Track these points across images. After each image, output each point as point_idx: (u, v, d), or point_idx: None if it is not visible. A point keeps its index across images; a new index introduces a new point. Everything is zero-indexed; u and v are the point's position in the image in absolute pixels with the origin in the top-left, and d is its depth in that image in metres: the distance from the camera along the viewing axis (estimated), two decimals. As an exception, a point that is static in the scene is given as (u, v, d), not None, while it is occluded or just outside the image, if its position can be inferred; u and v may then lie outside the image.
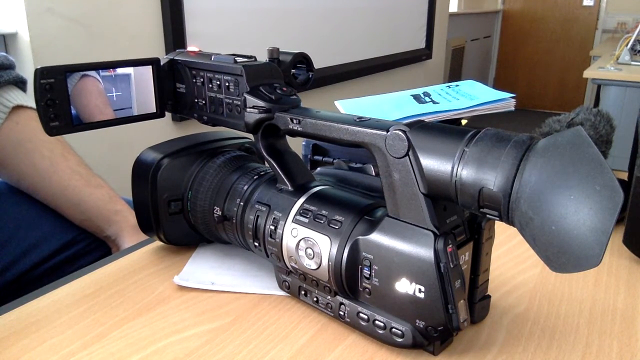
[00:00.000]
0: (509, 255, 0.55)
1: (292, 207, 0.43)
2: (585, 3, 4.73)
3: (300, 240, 0.42)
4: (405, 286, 0.36)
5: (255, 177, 0.48)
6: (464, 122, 0.66)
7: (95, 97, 0.47)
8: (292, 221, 0.42)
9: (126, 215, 0.73)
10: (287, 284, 0.46)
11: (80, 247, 0.74)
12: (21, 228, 0.71)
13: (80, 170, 0.73)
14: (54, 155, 0.72)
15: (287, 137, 0.46)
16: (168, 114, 0.53)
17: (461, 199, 0.33)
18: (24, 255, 0.69)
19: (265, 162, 0.47)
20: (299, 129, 0.42)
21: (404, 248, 0.36)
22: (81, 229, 0.74)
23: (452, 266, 0.35)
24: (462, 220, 0.38)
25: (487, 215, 0.32)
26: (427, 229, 0.35)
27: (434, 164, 0.34)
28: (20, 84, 0.73)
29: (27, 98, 0.73)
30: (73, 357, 0.40)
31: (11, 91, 0.71)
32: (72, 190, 0.71)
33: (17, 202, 0.73)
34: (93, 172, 0.75)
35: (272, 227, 0.43)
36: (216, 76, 0.48)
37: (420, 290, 0.36)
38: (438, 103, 0.66)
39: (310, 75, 0.50)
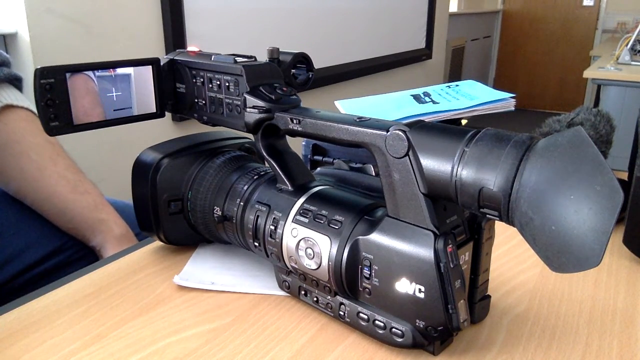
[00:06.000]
0: (509, 255, 0.55)
1: (292, 207, 0.43)
2: (585, 3, 4.73)
3: (300, 240, 0.42)
4: (405, 286, 0.36)
5: (255, 177, 0.48)
6: (464, 122, 0.66)
7: (82, 96, 0.45)
8: (292, 221, 0.42)
9: (110, 226, 0.70)
10: (287, 284, 0.46)
11: (67, 255, 0.72)
12: (5, 234, 0.68)
13: (68, 175, 0.71)
14: (42, 158, 0.69)
15: (287, 137, 0.46)
16: (168, 114, 0.53)
17: (461, 199, 0.33)
18: (7, 263, 0.67)
19: (265, 162, 0.47)
20: (299, 129, 0.42)
21: (404, 248, 0.36)
22: (69, 236, 0.72)
23: (452, 266, 0.35)
24: (462, 220, 0.38)
25: (487, 215, 0.32)
26: (427, 229, 0.35)
27: (434, 164, 0.34)
28: (15, 81, 0.71)
29: (20, 97, 0.71)
30: (73, 357, 0.40)
31: (3, 90, 0.69)
32: (57, 197, 0.69)
33: (4, 206, 0.70)
34: (83, 176, 0.73)
35: (272, 227, 0.43)
36: (216, 76, 0.48)
37: (420, 290, 0.36)
38: (438, 103, 0.66)
39: (310, 75, 0.50)
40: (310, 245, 0.41)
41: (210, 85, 0.49)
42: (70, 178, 0.71)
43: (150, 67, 0.49)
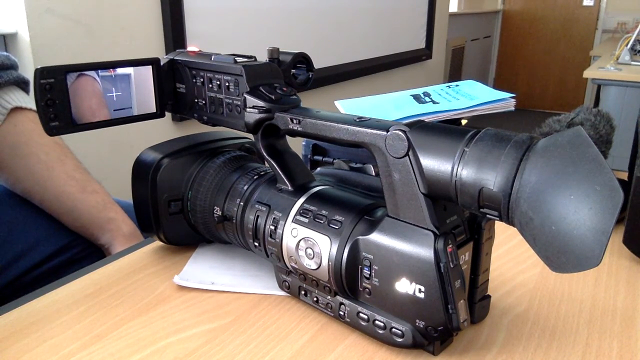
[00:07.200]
0: (509, 255, 0.55)
1: (292, 207, 0.43)
2: (585, 3, 4.73)
3: (300, 240, 0.42)
4: (405, 286, 0.36)
5: (255, 177, 0.48)
6: (464, 122, 0.66)
7: (89, 97, 0.46)
8: (292, 221, 0.42)
9: (119, 224, 0.72)
10: (287, 284, 0.46)
11: (75, 252, 0.73)
12: (14, 232, 0.70)
13: (76, 175, 0.72)
14: (50, 159, 0.71)
15: (287, 137, 0.46)
16: (168, 114, 0.53)
17: (461, 199, 0.33)
18: (16, 260, 0.68)
19: (265, 162, 0.47)
20: (299, 129, 0.42)
21: (404, 248, 0.36)
22: (77, 234, 0.73)
23: (452, 266, 0.35)
24: (462, 220, 0.38)
25: (487, 215, 0.32)
26: (427, 229, 0.35)
27: (434, 164, 0.34)
28: (23, 84, 0.72)
29: (28, 99, 0.72)
30: (73, 357, 0.40)
31: (11, 92, 0.70)
32: (66, 197, 0.70)
33: (12, 205, 0.72)
34: (90, 176, 0.74)
35: (272, 227, 0.43)
36: (216, 76, 0.48)
37: (420, 290, 0.36)
38: (438, 103, 0.66)
39: (310, 75, 0.50)
40: (310, 245, 0.41)
41: (210, 85, 0.49)
42: (78, 178, 0.72)
43: (150, 67, 0.49)
